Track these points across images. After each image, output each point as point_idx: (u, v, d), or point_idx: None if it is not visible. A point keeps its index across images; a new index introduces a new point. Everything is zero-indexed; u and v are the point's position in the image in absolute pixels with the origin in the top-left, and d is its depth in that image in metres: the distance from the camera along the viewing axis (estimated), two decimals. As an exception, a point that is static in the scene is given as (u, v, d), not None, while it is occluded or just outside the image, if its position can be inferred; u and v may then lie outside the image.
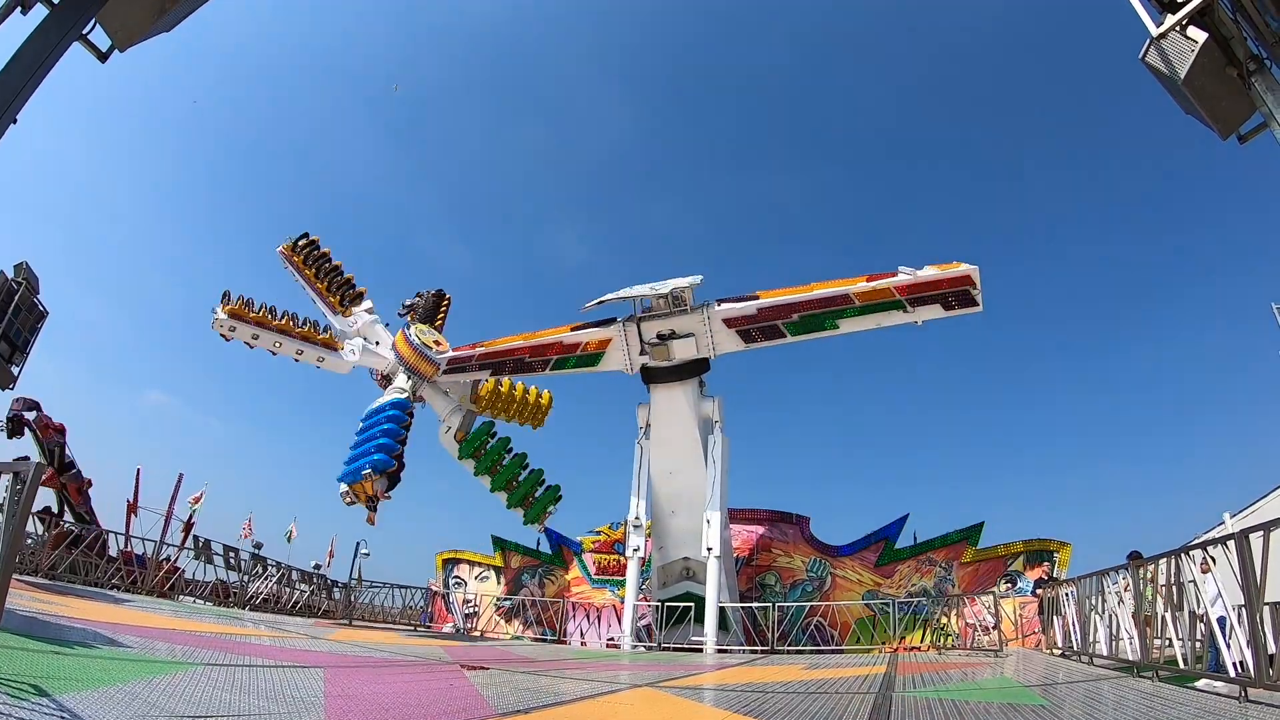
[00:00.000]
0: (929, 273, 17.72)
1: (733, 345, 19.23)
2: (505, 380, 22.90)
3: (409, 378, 20.58)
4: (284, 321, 19.47)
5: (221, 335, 18.83)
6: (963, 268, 17.52)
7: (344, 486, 18.48)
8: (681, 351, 19.24)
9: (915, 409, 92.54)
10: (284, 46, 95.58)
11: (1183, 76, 7.76)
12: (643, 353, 19.49)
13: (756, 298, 18.80)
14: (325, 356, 19.96)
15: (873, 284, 18.04)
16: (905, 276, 17.78)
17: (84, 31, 7.72)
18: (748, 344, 19.18)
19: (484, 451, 20.93)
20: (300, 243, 21.57)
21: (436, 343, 20.94)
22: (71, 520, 20.02)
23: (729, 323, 18.95)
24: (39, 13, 7.24)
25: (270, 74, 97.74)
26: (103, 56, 8.16)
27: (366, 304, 22.24)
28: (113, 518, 22.91)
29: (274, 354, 19.57)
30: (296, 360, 19.85)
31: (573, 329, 20.23)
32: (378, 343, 21.66)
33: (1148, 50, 8.12)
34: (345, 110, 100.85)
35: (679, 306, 19.18)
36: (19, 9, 7.05)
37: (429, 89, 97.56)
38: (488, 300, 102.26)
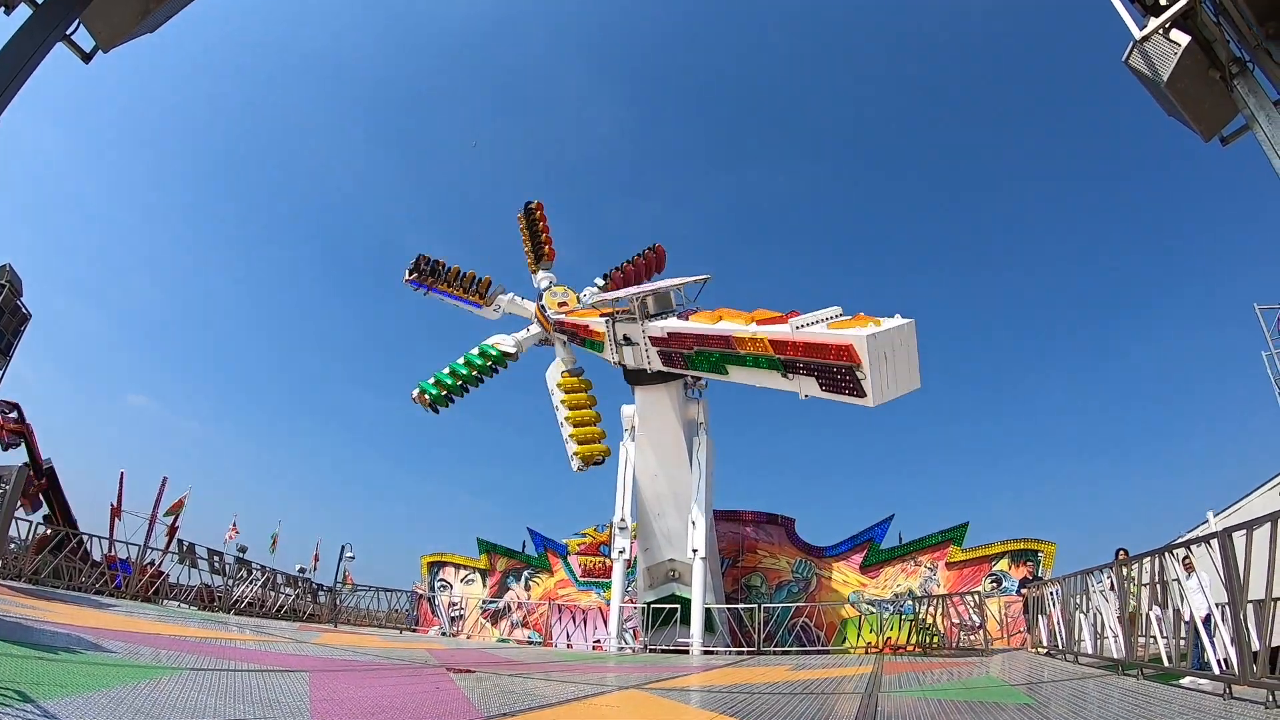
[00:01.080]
0: (814, 331, 13.70)
1: (660, 364, 17.84)
2: (592, 398, 23.77)
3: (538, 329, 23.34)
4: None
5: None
6: (850, 331, 12.99)
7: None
8: (628, 359, 18.69)
9: (905, 411, 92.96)
10: (268, 47, 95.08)
11: (1165, 79, 7.85)
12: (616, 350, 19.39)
13: (686, 318, 17.12)
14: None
15: (758, 330, 14.67)
16: (784, 328, 14.04)
17: (68, 32, 7.64)
18: (666, 366, 17.69)
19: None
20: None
21: (562, 304, 23.15)
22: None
23: (653, 341, 17.69)
24: (22, 13, 7.16)
25: (253, 75, 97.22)
26: (86, 57, 8.08)
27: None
28: (97, 522, 22.70)
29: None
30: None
31: (600, 315, 20.25)
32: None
33: (1131, 53, 8.21)
34: (330, 110, 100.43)
35: (639, 313, 18.27)
36: (2, 9, 6.97)
37: (419, 90, 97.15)
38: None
